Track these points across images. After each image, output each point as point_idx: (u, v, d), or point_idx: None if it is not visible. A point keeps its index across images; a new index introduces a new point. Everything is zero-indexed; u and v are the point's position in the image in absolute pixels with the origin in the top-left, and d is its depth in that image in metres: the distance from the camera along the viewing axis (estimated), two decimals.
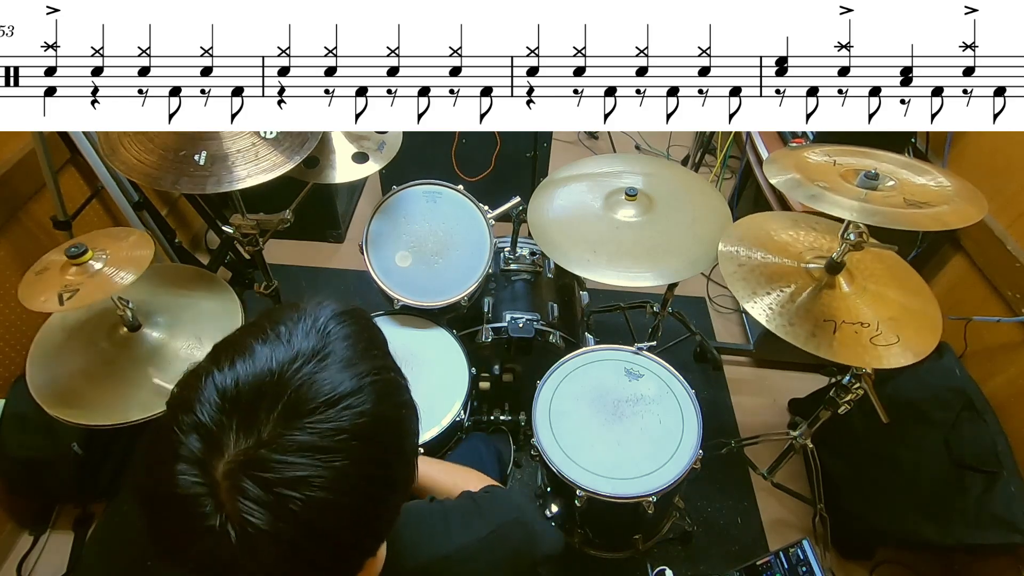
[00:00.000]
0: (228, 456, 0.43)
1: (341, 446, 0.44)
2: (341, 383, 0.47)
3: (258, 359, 0.47)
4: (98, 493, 1.60)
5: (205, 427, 0.43)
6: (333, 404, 0.45)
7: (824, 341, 1.05)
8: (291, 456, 0.43)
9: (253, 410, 0.44)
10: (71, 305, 1.05)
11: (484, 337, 1.54)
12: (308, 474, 0.43)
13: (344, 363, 0.48)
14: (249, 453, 0.42)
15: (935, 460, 1.48)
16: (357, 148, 1.42)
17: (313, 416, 0.44)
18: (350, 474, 0.45)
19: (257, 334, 0.49)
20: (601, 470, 1.21)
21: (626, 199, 1.42)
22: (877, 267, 1.21)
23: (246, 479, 0.42)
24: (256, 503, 0.41)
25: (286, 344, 0.48)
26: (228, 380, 0.45)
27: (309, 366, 0.47)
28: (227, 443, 0.43)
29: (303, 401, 0.45)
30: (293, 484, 0.42)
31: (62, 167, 1.70)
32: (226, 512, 0.42)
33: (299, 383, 0.45)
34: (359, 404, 0.46)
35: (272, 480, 0.42)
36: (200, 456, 0.43)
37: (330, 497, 0.43)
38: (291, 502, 0.42)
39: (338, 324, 0.52)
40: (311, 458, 0.43)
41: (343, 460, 0.44)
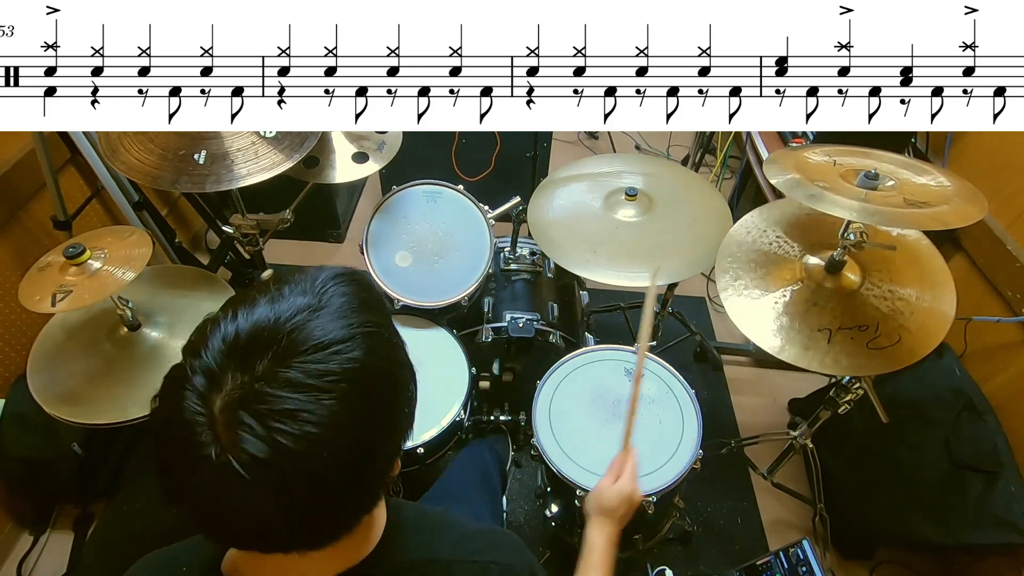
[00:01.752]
0: (225, 391, 0.46)
1: (330, 387, 0.47)
2: (332, 331, 0.50)
3: (258, 310, 0.51)
4: (98, 493, 1.60)
5: (209, 368, 0.47)
6: (323, 348, 0.49)
7: (817, 354, 1.04)
8: (282, 391, 0.46)
9: (250, 353, 0.48)
10: (62, 307, 1.05)
11: (484, 337, 1.54)
12: (298, 407, 0.46)
13: (337, 315, 0.52)
14: (245, 387, 0.46)
15: (935, 460, 1.48)
16: (357, 148, 1.42)
17: (304, 357, 0.48)
18: (338, 412, 0.47)
19: (263, 291, 0.53)
20: (601, 470, 1.20)
21: (626, 199, 1.42)
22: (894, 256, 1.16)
23: (241, 410, 0.45)
24: (249, 432, 0.44)
25: (287, 299, 0.52)
26: (231, 328, 0.49)
27: (302, 315, 0.50)
28: (225, 381, 0.47)
29: (295, 344, 0.48)
30: (284, 416, 0.45)
31: (62, 167, 1.70)
32: (222, 443, 0.45)
33: (291, 328, 0.49)
34: (348, 351, 0.50)
35: (264, 412, 0.45)
36: (202, 391, 0.47)
37: (320, 432, 0.46)
38: (282, 434, 0.45)
39: (335, 283, 0.55)
40: (302, 393, 0.46)
41: (331, 399, 0.47)
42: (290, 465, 0.45)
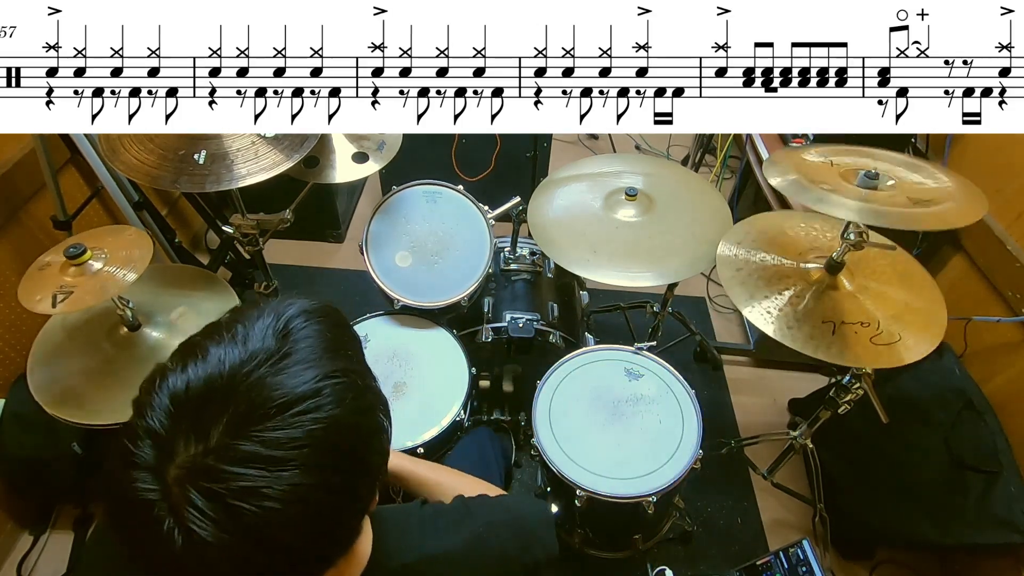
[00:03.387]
0: (178, 462, 0.42)
1: (292, 456, 0.43)
2: (296, 387, 0.45)
3: (210, 361, 0.45)
4: (98, 493, 1.60)
5: (156, 433, 0.43)
6: (285, 409, 0.44)
7: (823, 343, 1.05)
8: (238, 467, 0.41)
9: (201, 416, 0.43)
10: (63, 308, 1.05)
11: (484, 337, 1.54)
12: (257, 485, 0.41)
13: (302, 365, 0.46)
14: (196, 461, 0.41)
15: (935, 460, 1.48)
16: (357, 148, 1.42)
17: (263, 423, 0.43)
18: (302, 484, 0.43)
19: (214, 334, 0.48)
20: (601, 470, 1.21)
21: (626, 199, 1.42)
22: (881, 263, 1.20)
23: (192, 489, 0.41)
24: (201, 514, 0.40)
25: (241, 345, 0.46)
26: (179, 383, 0.44)
27: (263, 368, 0.45)
28: (178, 448, 0.42)
29: (253, 406, 0.43)
30: (241, 495, 0.41)
31: (62, 167, 1.70)
32: (176, 518, 0.41)
33: (248, 387, 0.44)
34: (313, 409, 0.44)
35: (219, 491, 0.41)
36: (152, 463, 0.42)
37: (281, 508, 0.42)
38: (240, 513, 0.41)
39: (301, 322, 0.50)
40: (260, 469, 0.41)
41: (294, 470, 0.42)
42: (252, 541, 0.42)
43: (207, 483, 0.41)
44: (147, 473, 0.42)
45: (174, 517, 0.41)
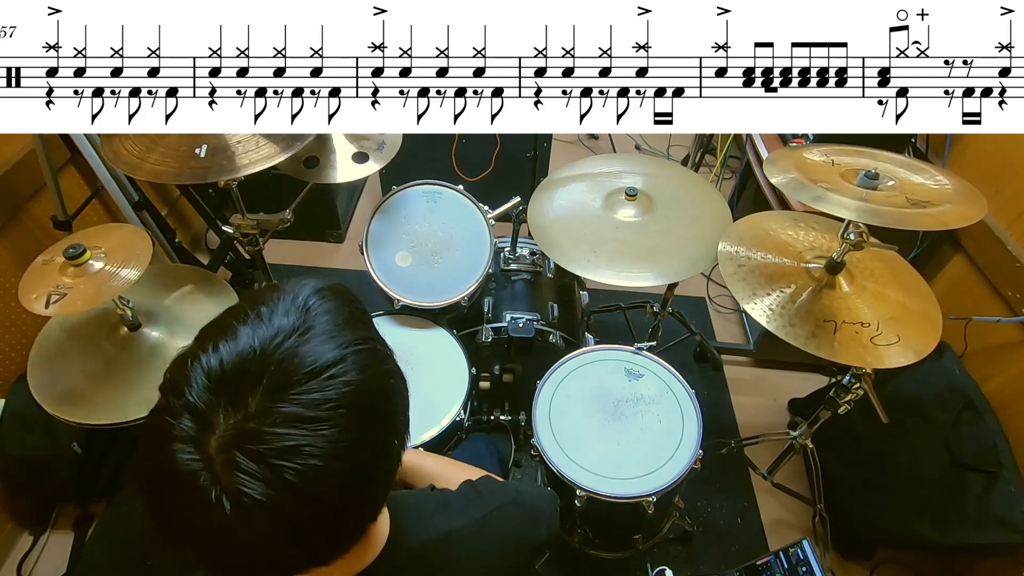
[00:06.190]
0: (219, 432, 0.44)
1: (329, 415, 0.46)
2: (323, 354, 0.48)
3: (241, 339, 0.48)
4: (98, 493, 1.60)
5: (195, 407, 0.45)
6: (317, 375, 0.47)
7: (824, 341, 1.05)
8: (280, 428, 0.44)
9: (239, 387, 0.45)
10: (55, 311, 1.05)
11: (484, 337, 1.54)
12: (298, 443, 0.44)
13: (325, 335, 0.50)
14: (239, 427, 0.44)
15: (935, 460, 1.48)
16: (357, 148, 1.42)
17: (298, 387, 0.46)
18: (340, 441, 0.46)
19: (240, 315, 0.50)
20: (601, 470, 1.21)
21: (626, 199, 1.42)
22: (877, 266, 1.21)
23: (238, 452, 0.43)
24: (248, 475, 0.43)
25: (267, 323, 0.49)
26: (214, 361, 0.46)
27: (290, 340, 0.48)
28: (217, 420, 0.44)
29: (287, 374, 0.46)
30: (285, 453, 0.44)
31: (62, 167, 1.70)
32: (222, 485, 0.43)
33: (279, 358, 0.47)
34: (342, 373, 0.48)
35: (263, 451, 0.43)
36: (193, 435, 0.44)
37: (322, 464, 0.45)
38: (285, 471, 0.43)
39: (318, 299, 0.53)
40: (300, 428, 0.44)
41: (332, 428, 0.46)
42: (296, 498, 0.44)
43: (252, 445, 0.43)
44: (188, 444, 0.44)
45: (220, 485, 0.43)
